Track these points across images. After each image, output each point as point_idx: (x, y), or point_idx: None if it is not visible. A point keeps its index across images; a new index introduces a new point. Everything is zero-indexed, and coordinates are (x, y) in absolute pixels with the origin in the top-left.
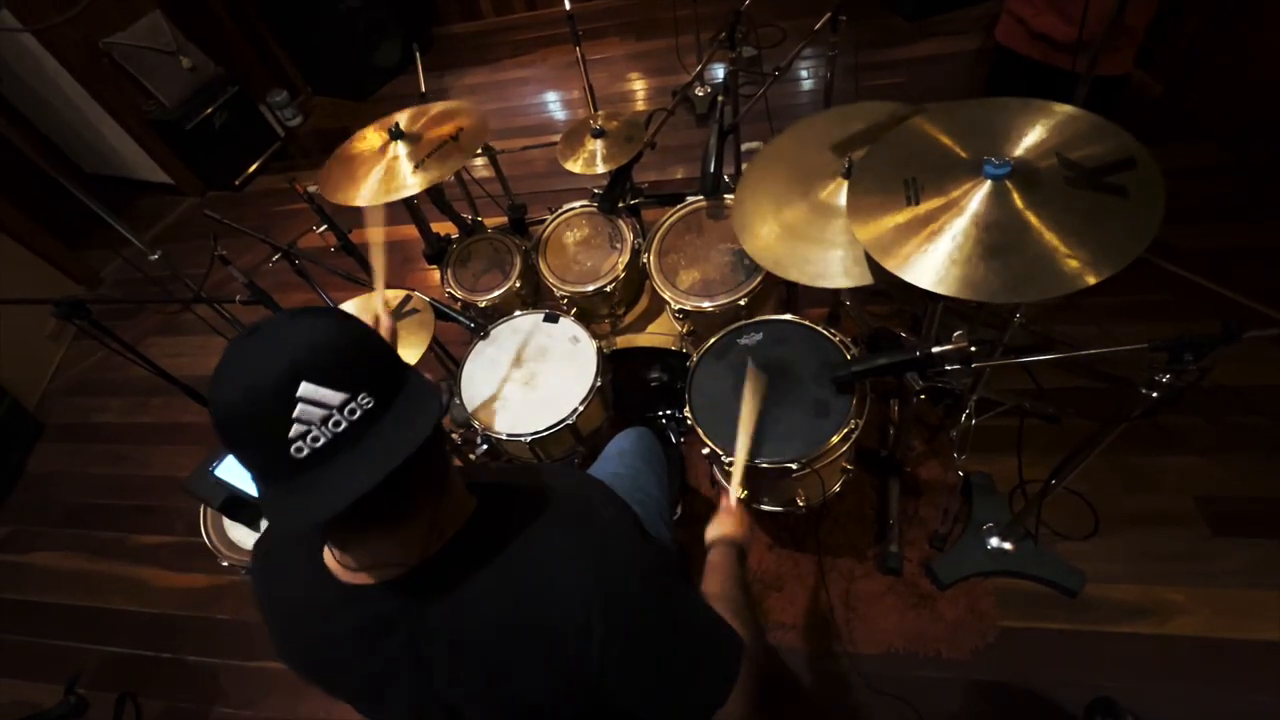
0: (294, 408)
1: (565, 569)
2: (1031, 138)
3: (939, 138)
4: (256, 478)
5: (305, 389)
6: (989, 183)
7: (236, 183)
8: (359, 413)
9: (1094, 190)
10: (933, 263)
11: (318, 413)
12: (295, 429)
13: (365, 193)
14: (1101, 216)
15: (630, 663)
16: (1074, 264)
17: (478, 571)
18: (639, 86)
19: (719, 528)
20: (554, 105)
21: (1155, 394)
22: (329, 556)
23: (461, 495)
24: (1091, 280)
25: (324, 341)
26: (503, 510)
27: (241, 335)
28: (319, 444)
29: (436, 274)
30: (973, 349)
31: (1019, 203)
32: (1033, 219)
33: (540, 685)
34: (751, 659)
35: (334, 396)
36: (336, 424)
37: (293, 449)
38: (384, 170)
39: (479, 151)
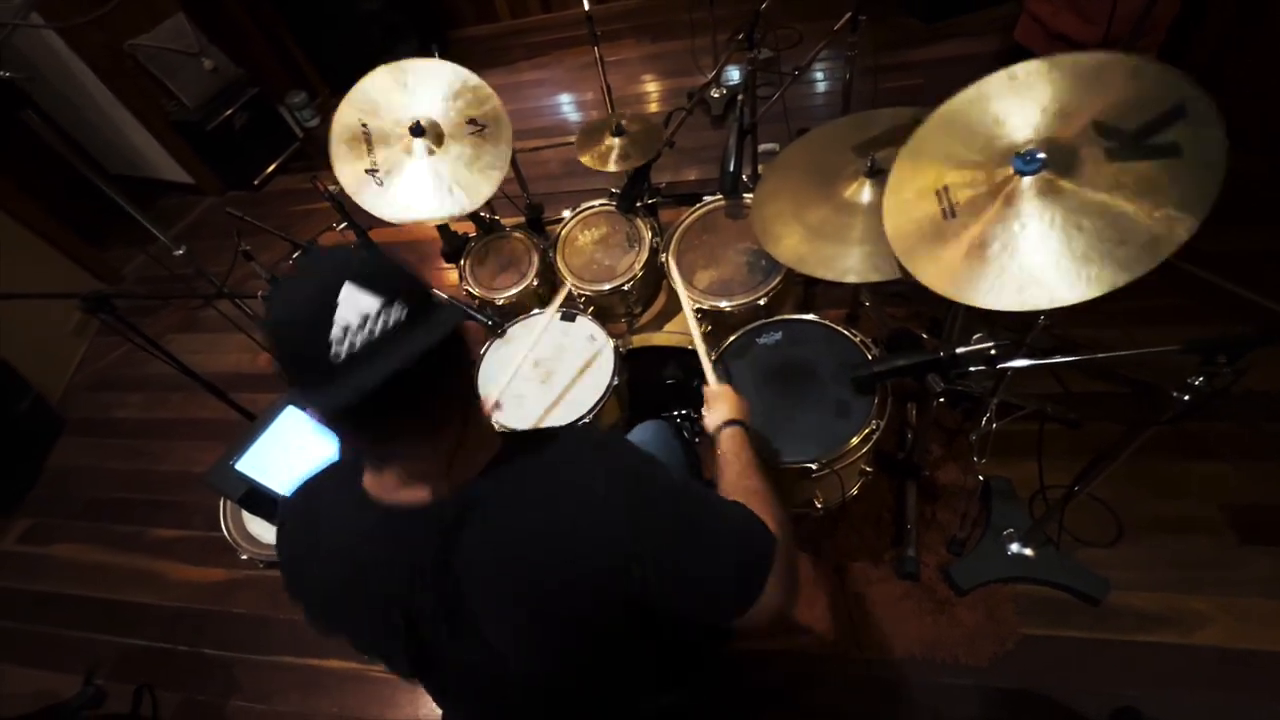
0: (335, 310)
1: (597, 500)
2: (1054, 106)
3: (956, 146)
4: (300, 387)
5: (346, 291)
6: (1028, 179)
7: (255, 183)
8: (390, 322)
9: (1142, 158)
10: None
11: (354, 317)
12: (335, 331)
13: (385, 204)
14: (1158, 184)
15: (671, 577)
16: (1157, 221)
17: (514, 497)
18: (654, 88)
19: (716, 413)
20: (569, 107)
21: (1187, 398)
22: (369, 483)
23: (490, 430)
24: (1185, 235)
25: (365, 256)
26: (530, 447)
27: (300, 259)
28: (355, 348)
29: (453, 273)
30: (995, 351)
31: (1069, 186)
32: (1090, 195)
33: (578, 603)
34: (784, 549)
35: (371, 302)
36: (370, 331)
37: (331, 353)
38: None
39: None
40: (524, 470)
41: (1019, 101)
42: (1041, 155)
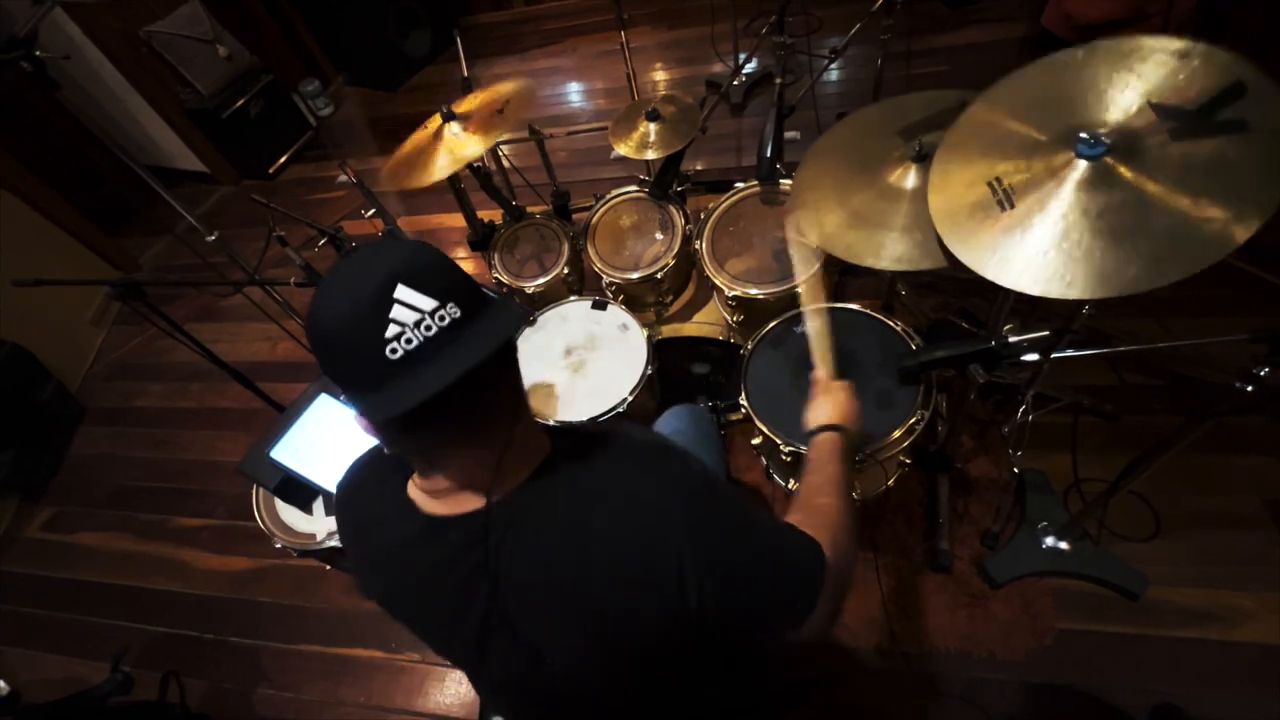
0: (390, 308)
1: (651, 510)
2: (1116, 93)
3: (1011, 125)
4: (351, 389)
5: (401, 291)
6: (1086, 164)
7: (270, 171)
8: (447, 319)
9: (1207, 136)
10: (1053, 264)
11: (411, 315)
12: (391, 329)
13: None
14: (1227, 162)
15: (723, 592)
16: (1215, 222)
17: (563, 505)
18: (670, 76)
19: (820, 410)
20: (584, 95)
21: (1250, 388)
22: (414, 490)
23: (538, 430)
24: (1242, 237)
25: (419, 256)
26: (581, 450)
27: (343, 258)
28: (411, 345)
29: (471, 263)
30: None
31: (1128, 174)
32: (1150, 187)
33: (634, 622)
34: (836, 573)
35: (426, 302)
36: (427, 328)
37: (388, 349)
38: (440, 149)
39: (527, 136)
40: (572, 477)
41: (1064, 86)
42: (1106, 138)
